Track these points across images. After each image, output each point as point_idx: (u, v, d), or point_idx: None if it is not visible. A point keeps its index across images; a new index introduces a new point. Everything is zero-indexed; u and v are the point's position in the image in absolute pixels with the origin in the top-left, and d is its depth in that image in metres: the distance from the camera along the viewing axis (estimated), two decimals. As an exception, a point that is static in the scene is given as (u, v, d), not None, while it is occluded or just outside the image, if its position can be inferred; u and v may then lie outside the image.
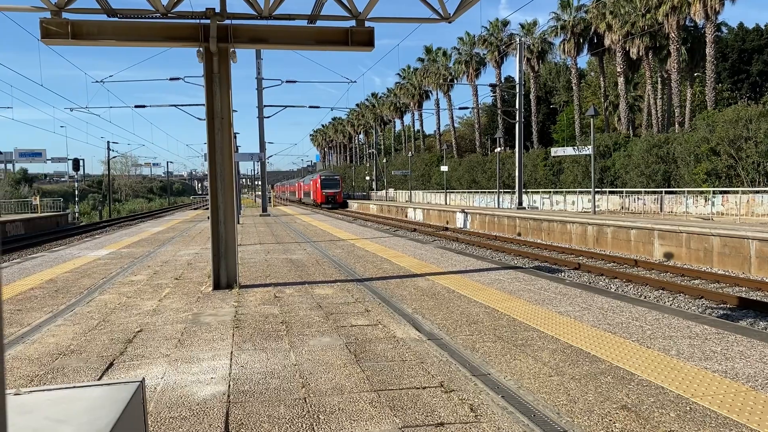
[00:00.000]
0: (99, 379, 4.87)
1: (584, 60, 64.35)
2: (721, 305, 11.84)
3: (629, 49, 47.61)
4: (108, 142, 66.42)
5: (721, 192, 28.43)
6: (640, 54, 47.40)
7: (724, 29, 53.02)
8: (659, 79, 50.68)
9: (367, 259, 12.81)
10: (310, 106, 53.15)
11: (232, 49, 9.41)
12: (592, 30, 51.26)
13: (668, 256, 19.35)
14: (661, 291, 13.54)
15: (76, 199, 57.82)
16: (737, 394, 4.25)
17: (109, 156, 68.08)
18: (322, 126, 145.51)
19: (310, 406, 4.22)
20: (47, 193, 68.55)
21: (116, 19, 9.07)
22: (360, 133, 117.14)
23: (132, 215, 64.33)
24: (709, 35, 41.02)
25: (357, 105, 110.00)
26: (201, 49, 9.24)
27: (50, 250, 18.85)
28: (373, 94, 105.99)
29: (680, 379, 4.58)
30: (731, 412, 3.91)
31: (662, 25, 43.56)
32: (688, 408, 4.01)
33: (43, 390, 2.49)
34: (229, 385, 4.72)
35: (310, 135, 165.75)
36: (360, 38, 9.48)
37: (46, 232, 35.39)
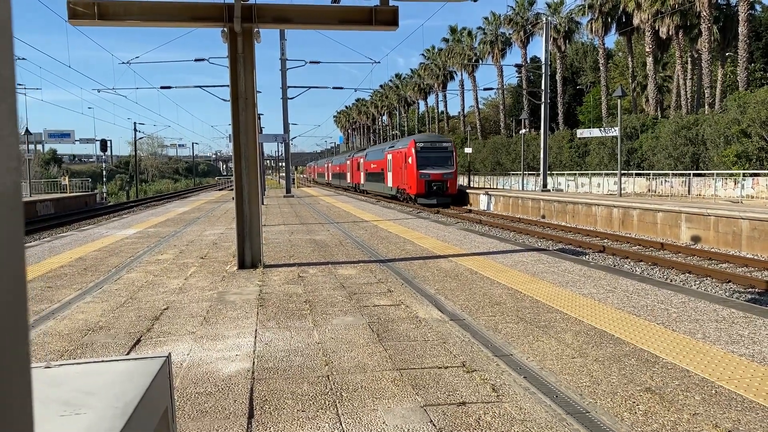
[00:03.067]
0: (126, 355, 4.97)
1: (612, 40, 63.24)
2: (750, 289, 11.65)
3: (659, 29, 46.56)
4: (134, 123, 67.13)
5: (751, 174, 27.85)
6: (670, 33, 46.34)
7: (757, 7, 51.56)
8: (689, 59, 49.55)
9: (390, 240, 12.82)
10: (334, 87, 53.09)
11: (256, 29, 9.40)
12: (621, 9, 50.19)
13: (695, 239, 19.06)
14: (687, 274, 13.37)
15: (104, 179, 58.68)
16: (764, 378, 4.20)
17: (135, 137, 68.82)
18: (346, 107, 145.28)
19: (333, 384, 4.26)
20: (76, 174, 69.67)
21: (142, -1, 9.11)
22: (383, 114, 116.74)
23: (158, 195, 65.13)
24: (742, 13, 39.92)
25: (381, 86, 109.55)
26: (225, 29, 9.25)
27: (79, 229, 19.20)
28: (396, 75, 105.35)
29: (706, 363, 4.53)
30: (758, 396, 3.86)
31: (693, 3, 42.49)
32: (713, 391, 3.97)
33: (73, 363, 2.54)
34: (254, 362, 4.78)
35: (334, 116, 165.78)
36: (384, 17, 9.40)
37: (75, 212, 36.02)
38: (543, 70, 37.85)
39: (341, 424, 3.60)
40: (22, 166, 0.61)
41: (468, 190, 41.04)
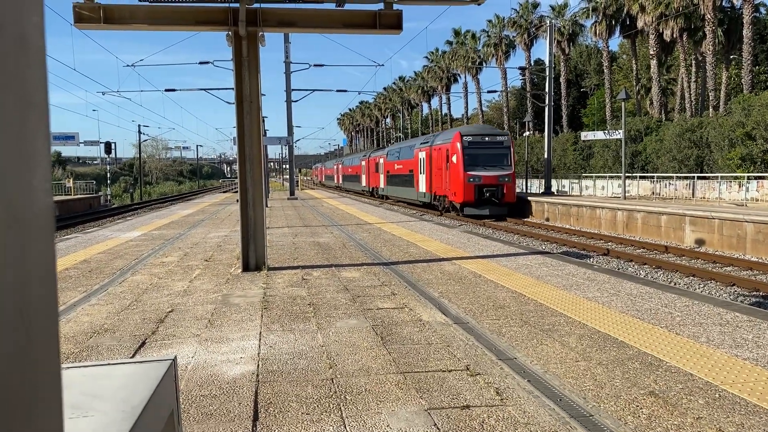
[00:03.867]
0: (132, 357, 4.99)
1: (616, 42, 63.21)
2: (754, 293, 11.63)
3: (663, 31, 46.50)
4: (139, 125, 67.32)
5: (756, 177, 27.77)
6: (674, 36, 46.28)
7: (762, 10, 51.49)
8: (693, 61, 49.48)
9: (393, 243, 12.84)
10: (338, 90, 53.03)
11: (260, 33, 9.44)
12: (625, 11, 50.14)
13: (700, 242, 19.03)
14: (691, 278, 13.35)
15: (108, 181, 58.81)
16: (768, 382, 4.19)
17: (140, 139, 69.03)
18: (349, 110, 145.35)
19: (337, 387, 4.27)
20: (80, 176, 69.84)
21: (147, 3, 9.15)
22: (387, 117, 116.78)
23: (162, 198, 65.25)
24: (747, 16, 39.84)
25: (384, 89, 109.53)
26: (230, 33, 9.29)
27: (84, 231, 19.26)
28: (400, 78, 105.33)
29: (710, 366, 4.53)
30: (762, 400, 3.86)
31: (698, 6, 42.43)
32: (717, 395, 3.98)
33: (79, 366, 2.57)
34: (258, 365, 4.80)
35: (338, 119, 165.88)
36: (388, 21, 9.43)
37: (80, 214, 36.11)
38: (547, 73, 37.82)
39: (345, 427, 3.61)
40: (51, 188, 0.64)
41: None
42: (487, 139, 30.72)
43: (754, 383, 4.17)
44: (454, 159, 30.12)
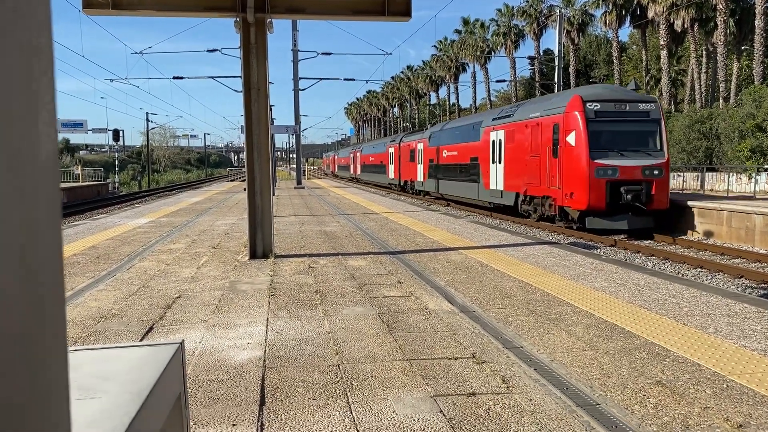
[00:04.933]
0: (139, 342, 5.02)
1: (626, 33, 62.69)
2: (763, 285, 11.57)
3: (673, 21, 46.09)
4: (147, 113, 67.30)
5: (766, 170, 27.58)
6: (685, 26, 45.86)
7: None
8: (704, 52, 49.05)
9: (400, 233, 12.83)
10: (345, 79, 52.83)
11: (268, 20, 9.40)
12: (635, 1, 49.68)
13: (708, 234, 18.92)
14: (699, 269, 13.29)
15: (116, 169, 59.05)
16: (776, 373, 4.17)
17: (147, 127, 69.14)
18: (357, 99, 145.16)
19: (344, 373, 4.28)
20: (88, 163, 70.14)
21: (155, -11, 9.13)
22: (395, 106, 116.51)
23: (170, 186, 65.44)
24: (759, 6, 39.41)
25: (392, 78, 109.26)
26: (238, 19, 9.26)
27: (92, 218, 19.34)
28: (408, 67, 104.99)
29: (717, 357, 4.51)
30: (769, 391, 3.84)
31: (709, -4, 42.04)
32: (724, 385, 3.96)
33: (87, 349, 2.58)
34: (265, 351, 4.82)
35: (345, 108, 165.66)
36: (397, 8, 9.37)
37: (88, 201, 36.27)
38: (556, 63, 37.59)
39: (351, 412, 3.62)
40: (57, 135, 0.63)
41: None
42: (625, 107, 19.12)
43: (762, 374, 4.15)
44: (570, 139, 19.00)
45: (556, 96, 22.52)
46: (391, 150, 45.67)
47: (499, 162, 24.45)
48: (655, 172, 18.62)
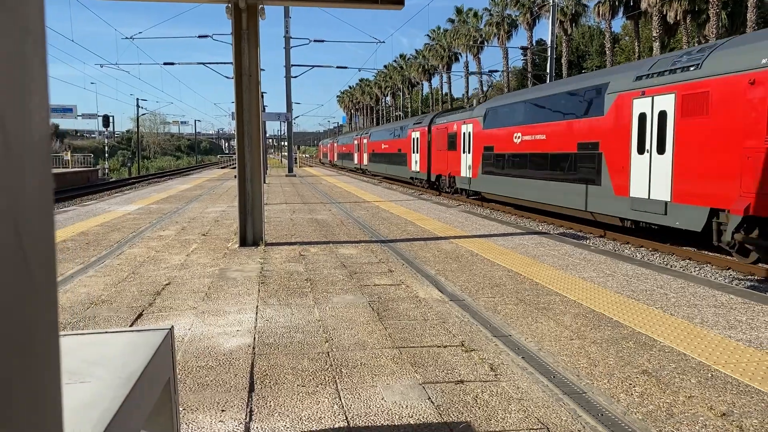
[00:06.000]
0: (129, 328, 5.02)
1: (618, 24, 62.68)
2: (749, 276, 11.68)
3: (666, 13, 46.18)
4: (137, 99, 66.79)
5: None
6: (678, 18, 45.95)
7: (767, -7, 51.00)
8: (696, 44, 49.19)
9: (391, 221, 12.85)
10: (338, 67, 52.58)
11: (260, 6, 9.34)
12: (629, -8, 49.75)
13: (697, 226, 18.89)
14: (687, 261, 13.39)
15: (106, 155, 58.64)
16: (761, 363, 4.23)
17: (138, 113, 68.66)
18: (349, 87, 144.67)
19: (333, 360, 4.30)
20: (78, 149, 69.59)
21: (146, -27, 9.04)
22: (387, 95, 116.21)
23: (160, 172, 65.11)
24: (751, -1, 39.57)
25: (385, 66, 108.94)
26: (230, 5, 9.19)
27: (81, 204, 19.23)
28: (401, 56, 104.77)
29: (703, 347, 4.57)
30: (753, 380, 3.90)
31: (702, -12, 42.11)
32: (709, 375, 4.01)
33: (77, 334, 2.58)
34: (255, 338, 4.83)
35: (337, 96, 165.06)
36: (390, -4, 9.32)
37: (77, 187, 36.04)
38: (549, 53, 37.60)
39: (341, 399, 3.64)
40: (49, 117, 0.62)
41: None
42: None
43: (746, 364, 4.21)
44: None
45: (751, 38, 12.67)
46: (416, 135, 34.49)
47: (660, 151, 13.87)
48: None
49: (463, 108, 32.60)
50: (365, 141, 52.46)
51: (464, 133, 26.83)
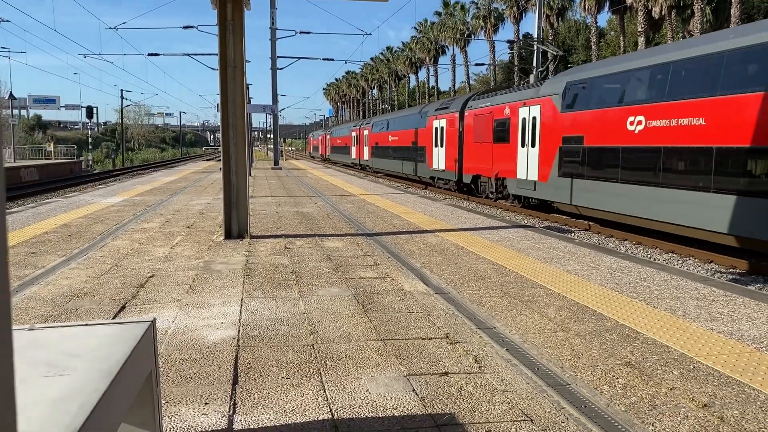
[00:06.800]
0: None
1: (604, 18, 62.93)
2: (731, 269, 11.81)
3: (651, 8, 46.42)
4: (121, 90, 66.19)
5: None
6: (663, 13, 46.21)
7: (751, -11, 51.41)
8: (681, 39, 49.51)
9: (377, 215, 12.83)
10: (324, 59, 52.29)
11: (246, -4, 9.26)
12: (615, -13, 49.95)
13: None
14: (670, 254, 13.51)
15: (90, 146, 58.00)
16: (741, 354, 4.28)
17: (122, 104, 67.99)
18: (336, 80, 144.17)
19: (318, 353, 4.29)
20: (61, 140, 68.78)
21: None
22: (374, 87, 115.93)
23: (145, 164, 64.55)
24: (736, -5, 39.86)
25: (371, 59, 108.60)
26: (215, -5, 9.10)
27: (64, 195, 19.03)
28: (387, 48, 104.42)
29: (685, 339, 4.61)
30: (734, 372, 3.94)
31: (687, -16, 42.36)
32: (691, 366, 4.05)
33: (57, 326, 2.55)
34: (239, 331, 4.80)
35: (323, 89, 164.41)
36: (376, -12, 9.27)
37: (60, 179, 35.64)
38: (535, 47, 37.67)
39: (325, 391, 3.63)
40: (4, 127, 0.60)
41: None
42: None
43: (727, 356, 4.25)
44: None
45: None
46: (440, 123, 27.25)
47: None
48: None
49: (524, 86, 23.90)
50: (366, 132, 45.29)
51: (524, 120, 19.57)
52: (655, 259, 12.57)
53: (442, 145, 27.02)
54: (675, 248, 13.87)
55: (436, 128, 27.81)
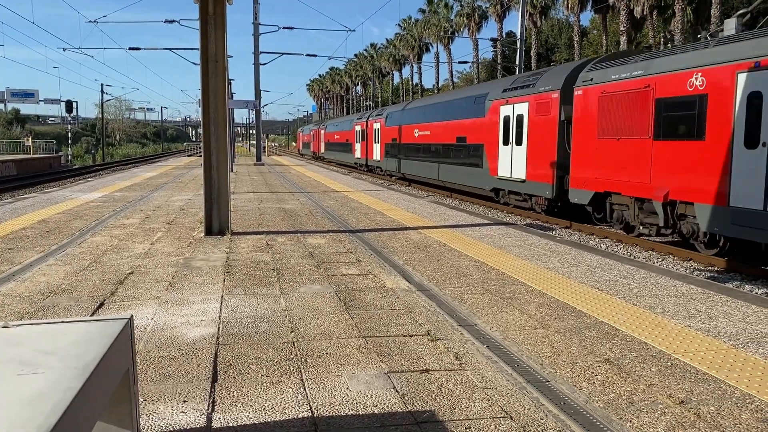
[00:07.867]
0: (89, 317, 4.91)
1: (587, 17, 63.36)
2: (709, 267, 11.96)
3: (633, 8, 46.79)
4: (102, 84, 65.42)
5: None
6: (645, 13, 46.62)
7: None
8: (662, 39, 50.00)
9: (360, 211, 12.81)
10: (307, 54, 52.16)
11: (228, -9, 9.18)
12: (597, -14, 50.28)
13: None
14: (650, 252, 13.65)
15: (69, 141, 57.29)
16: (718, 351, 4.33)
17: (102, 99, 67.17)
18: (319, 76, 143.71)
19: (299, 350, 4.27)
20: (40, 135, 67.86)
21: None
22: (358, 84, 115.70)
23: (125, 160, 63.85)
24: (716, -4, 40.29)
25: (355, 55, 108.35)
26: (196, -11, 9.01)
27: (42, 191, 18.77)
28: (371, 45, 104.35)
29: (663, 336, 4.66)
30: (711, 369, 3.99)
31: (669, -16, 42.76)
32: (669, 363, 4.09)
33: (32, 324, 2.51)
34: (219, 328, 4.77)
35: (307, 85, 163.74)
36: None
37: (39, 174, 35.16)
38: (518, 45, 37.80)
39: (305, 389, 3.62)
40: None
41: None
42: None
43: (705, 353, 4.30)
44: None
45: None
46: (514, 111, 19.51)
47: None
48: None
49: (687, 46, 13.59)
50: (376, 126, 36.37)
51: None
52: (635, 257, 12.69)
53: (519, 143, 19.26)
54: (654, 246, 14.01)
55: (506, 117, 19.99)
